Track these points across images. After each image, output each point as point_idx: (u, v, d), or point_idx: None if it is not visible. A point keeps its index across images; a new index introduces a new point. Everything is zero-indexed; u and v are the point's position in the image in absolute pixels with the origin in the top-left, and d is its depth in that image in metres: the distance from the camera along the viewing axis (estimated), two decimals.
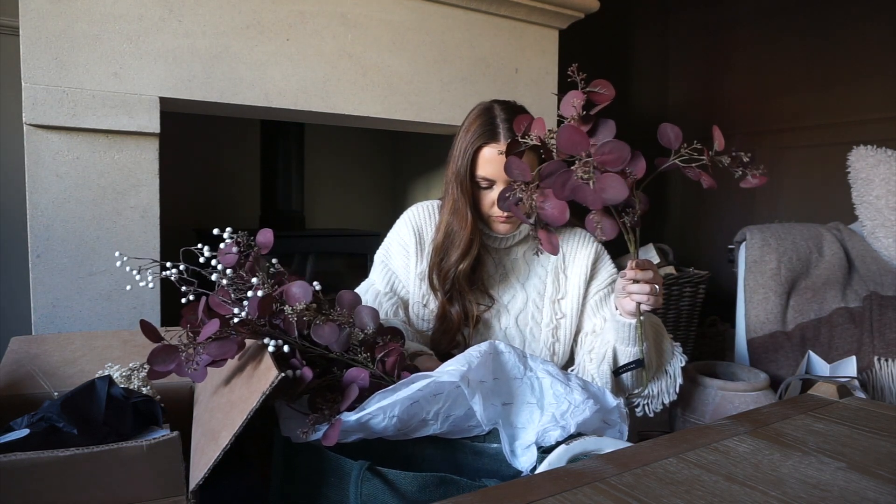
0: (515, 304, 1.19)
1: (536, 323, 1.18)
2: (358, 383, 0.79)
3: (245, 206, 2.45)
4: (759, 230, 1.76)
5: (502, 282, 1.20)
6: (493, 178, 1.09)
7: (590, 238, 1.22)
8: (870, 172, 1.77)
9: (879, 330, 1.49)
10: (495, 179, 1.09)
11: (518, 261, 1.21)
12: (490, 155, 1.08)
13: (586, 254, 1.20)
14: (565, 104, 0.90)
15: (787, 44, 2.76)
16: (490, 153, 1.08)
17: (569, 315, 1.19)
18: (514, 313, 1.19)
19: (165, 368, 0.77)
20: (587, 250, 1.21)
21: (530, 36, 1.94)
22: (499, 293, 1.20)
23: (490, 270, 1.20)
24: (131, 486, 0.63)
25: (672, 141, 0.90)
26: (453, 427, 0.79)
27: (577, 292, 1.19)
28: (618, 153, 0.85)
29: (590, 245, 1.22)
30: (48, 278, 1.30)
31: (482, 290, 1.18)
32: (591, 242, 1.22)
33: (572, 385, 0.78)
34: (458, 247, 1.12)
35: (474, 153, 1.09)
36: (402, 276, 1.18)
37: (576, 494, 0.49)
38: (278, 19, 1.52)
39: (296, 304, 0.82)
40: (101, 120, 1.31)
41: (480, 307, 1.17)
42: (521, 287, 1.20)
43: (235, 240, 0.90)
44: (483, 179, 1.09)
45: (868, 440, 0.61)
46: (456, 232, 1.12)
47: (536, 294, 1.20)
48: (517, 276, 1.21)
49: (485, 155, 1.08)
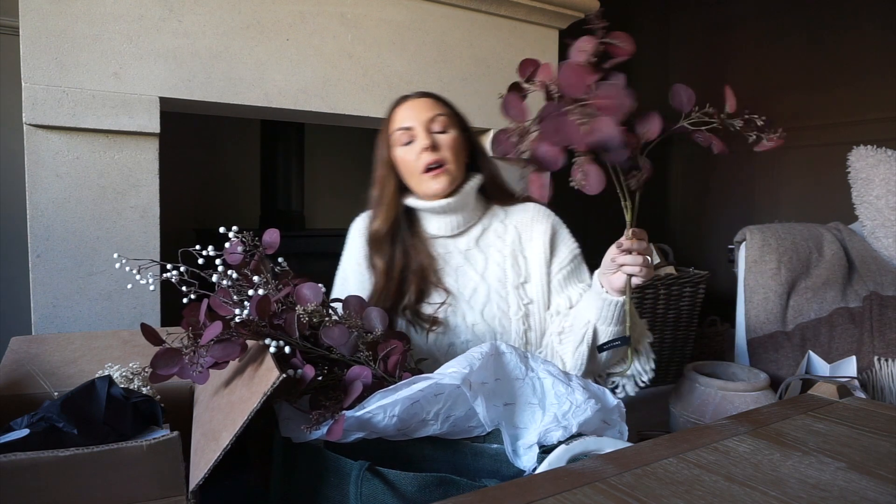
0: (478, 297, 1.10)
1: (504, 313, 1.09)
2: (361, 380, 0.79)
3: (245, 206, 2.45)
4: (759, 230, 1.76)
5: (459, 275, 1.11)
6: (410, 124, 1.09)
7: (544, 212, 1.16)
8: (870, 172, 1.77)
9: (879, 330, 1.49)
10: (413, 125, 1.08)
11: (471, 251, 1.13)
12: (403, 107, 1.11)
13: (542, 230, 1.13)
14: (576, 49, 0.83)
15: (787, 44, 2.76)
16: (403, 107, 1.11)
17: (537, 300, 1.11)
18: (478, 308, 1.10)
19: (169, 372, 0.77)
20: (542, 226, 1.13)
21: (530, 36, 1.94)
22: (458, 288, 1.11)
23: (439, 263, 1.12)
24: (131, 486, 0.63)
25: (684, 103, 0.84)
26: (454, 427, 0.79)
27: (539, 273, 1.11)
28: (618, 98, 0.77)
29: (544, 220, 1.14)
30: (48, 278, 1.30)
31: (434, 284, 1.10)
32: (545, 217, 1.15)
33: (574, 385, 0.78)
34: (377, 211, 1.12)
35: (389, 118, 1.12)
36: (362, 291, 1.12)
37: (576, 494, 0.49)
38: (278, 19, 1.52)
39: (307, 305, 0.82)
40: (101, 120, 1.31)
41: (437, 307, 1.09)
42: (481, 278, 1.11)
43: (241, 239, 0.90)
44: (402, 131, 1.09)
45: (868, 440, 0.61)
46: (377, 198, 1.12)
47: (497, 282, 1.11)
48: (473, 266, 1.12)
49: (398, 112, 1.11)
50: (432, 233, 1.13)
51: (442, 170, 1.07)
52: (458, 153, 1.11)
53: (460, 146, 1.12)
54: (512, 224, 1.15)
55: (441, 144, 1.09)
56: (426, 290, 1.10)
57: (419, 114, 1.09)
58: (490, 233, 1.15)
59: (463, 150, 1.13)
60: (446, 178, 1.08)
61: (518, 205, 1.18)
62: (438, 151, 1.08)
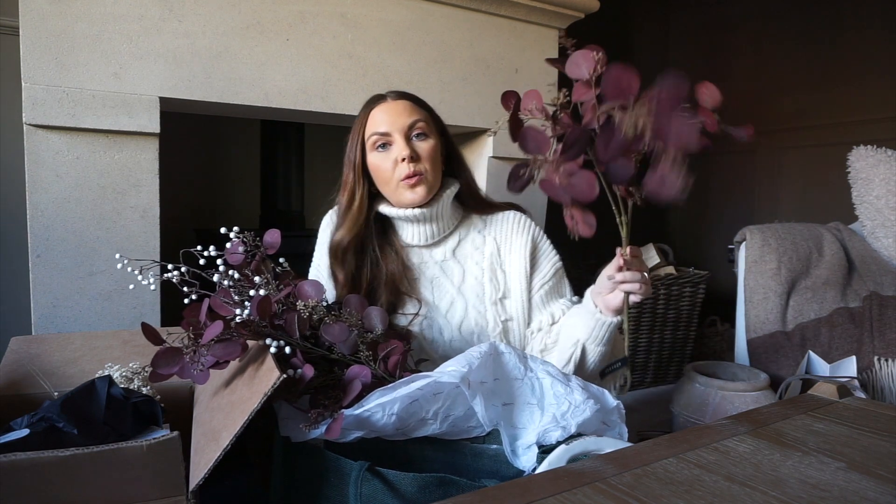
0: (455, 312, 1.05)
1: (482, 329, 1.04)
2: (360, 379, 0.79)
3: (245, 206, 2.45)
4: (759, 230, 1.76)
5: (435, 287, 1.06)
6: (387, 129, 1.02)
7: (524, 223, 1.09)
8: (870, 172, 1.77)
9: (879, 330, 1.49)
10: (389, 131, 1.02)
11: (448, 262, 1.07)
12: (380, 110, 1.04)
13: (522, 242, 1.07)
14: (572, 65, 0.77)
15: (787, 44, 2.76)
16: (379, 109, 1.04)
17: (516, 316, 1.06)
18: (455, 323, 1.05)
19: (169, 371, 0.77)
20: (523, 238, 1.07)
21: (530, 36, 1.94)
22: (434, 301, 1.05)
23: (414, 273, 1.06)
24: (131, 486, 0.63)
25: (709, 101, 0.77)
26: (453, 427, 0.79)
27: (519, 289, 1.06)
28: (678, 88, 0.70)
29: (525, 232, 1.08)
30: (48, 278, 1.30)
31: (406, 293, 1.04)
32: (525, 229, 1.08)
33: (572, 385, 0.78)
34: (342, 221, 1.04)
35: (364, 120, 1.05)
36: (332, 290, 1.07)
37: (575, 494, 0.49)
38: (278, 19, 1.52)
39: (308, 301, 0.82)
40: (101, 120, 1.31)
41: (411, 319, 1.03)
42: (458, 291, 1.06)
43: (242, 239, 0.90)
44: (378, 136, 1.02)
45: (868, 440, 0.61)
46: (345, 205, 1.05)
47: (475, 297, 1.05)
48: (450, 278, 1.07)
49: (374, 115, 1.04)
50: (406, 241, 1.08)
51: (419, 178, 1.01)
52: (437, 161, 1.05)
53: (438, 153, 1.06)
54: (491, 236, 1.10)
55: (420, 154, 1.02)
56: (398, 301, 1.05)
57: (397, 119, 1.03)
58: (467, 243, 1.10)
59: (440, 156, 1.07)
60: (424, 188, 1.02)
61: (497, 214, 1.12)
62: (417, 162, 1.01)
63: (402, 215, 1.05)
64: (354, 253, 1.05)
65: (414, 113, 1.05)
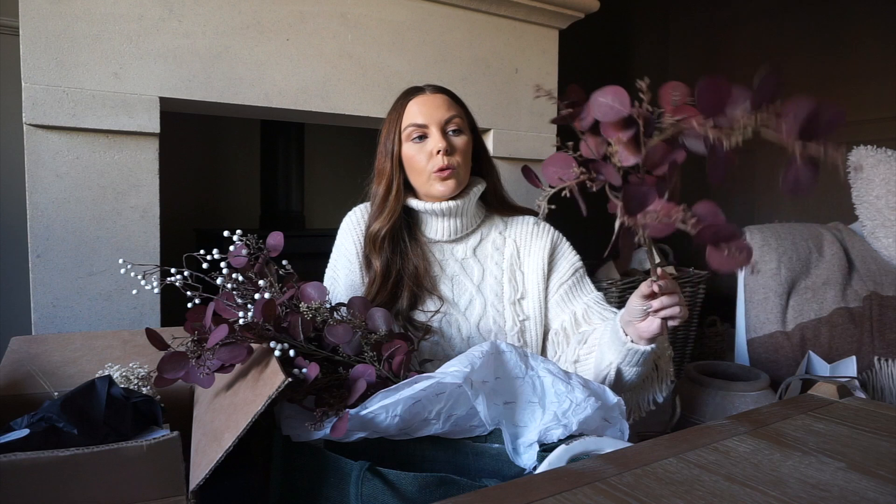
0: (474, 309, 1.08)
1: (500, 328, 1.06)
2: (365, 378, 0.79)
3: (245, 206, 2.45)
4: (759, 230, 1.76)
5: (455, 283, 1.09)
6: (424, 121, 1.04)
7: (544, 227, 1.13)
8: (870, 172, 1.77)
9: (879, 330, 1.49)
10: (427, 123, 1.04)
11: (468, 260, 1.10)
12: (418, 102, 1.06)
13: (541, 245, 1.10)
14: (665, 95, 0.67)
15: (786, 44, 2.76)
16: (417, 102, 1.06)
17: (533, 317, 1.08)
18: (473, 320, 1.07)
19: (175, 375, 0.77)
20: (542, 241, 1.10)
21: (530, 36, 1.93)
22: (453, 297, 1.08)
23: (435, 269, 1.09)
24: (131, 486, 0.63)
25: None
26: (455, 427, 0.79)
27: (536, 290, 1.08)
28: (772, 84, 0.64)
29: (544, 235, 1.11)
30: (48, 278, 1.30)
31: (428, 290, 1.06)
32: (545, 233, 1.12)
33: (573, 383, 0.78)
34: (380, 211, 1.06)
35: (401, 111, 1.07)
36: (352, 290, 1.09)
37: (576, 494, 0.49)
38: (278, 19, 1.52)
39: (311, 303, 0.82)
40: (101, 120, 1.31)
41: (431, 315, 1.05)
42: (477, 289, 1.09)
43: (245, 242, 0.90)
44: (414, 127, 1.04)
45: (868, 440, 0.61)
46: (382, 195, 1.07)
47: (495, 297, 1.08)
48: (469, 276, 1.10)
49: (412, 106, 1.06)
50: (430, 236, 1.11)
51: (452, 171, 1.04)
52: (468, 158, 1.09)
53: (470, 151, 1.09)
54: (511, 238, 1.12)
55: (455, 148, 1.05)
56: (420, 296, 1.07)
57: (434, 112, 1.05)
58: (488, 243, 1.12)
59: (471, 153, 1.10)
60: (454, 181, 1.05)
61: (517, 217, 1.15)
62: (451, 156, 1.04)
63: (430, 209, 1.07)
64: (391, 242, 1.07)
65: (451, 108, 1.07)
